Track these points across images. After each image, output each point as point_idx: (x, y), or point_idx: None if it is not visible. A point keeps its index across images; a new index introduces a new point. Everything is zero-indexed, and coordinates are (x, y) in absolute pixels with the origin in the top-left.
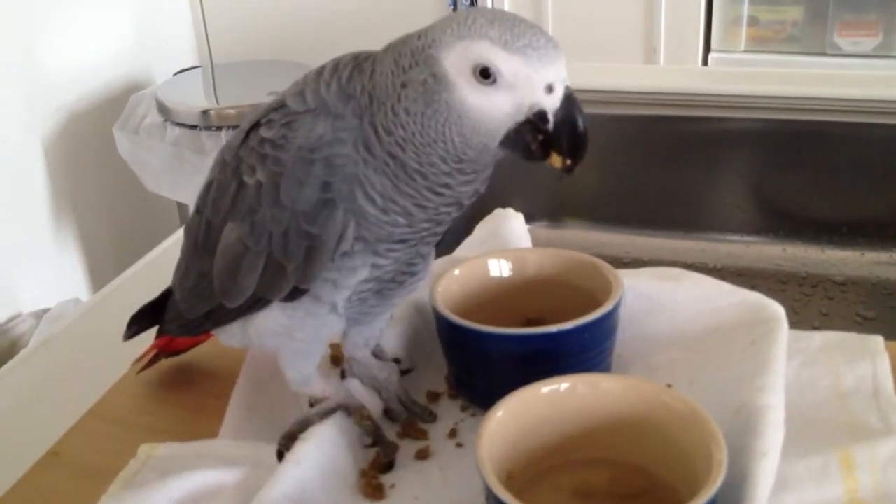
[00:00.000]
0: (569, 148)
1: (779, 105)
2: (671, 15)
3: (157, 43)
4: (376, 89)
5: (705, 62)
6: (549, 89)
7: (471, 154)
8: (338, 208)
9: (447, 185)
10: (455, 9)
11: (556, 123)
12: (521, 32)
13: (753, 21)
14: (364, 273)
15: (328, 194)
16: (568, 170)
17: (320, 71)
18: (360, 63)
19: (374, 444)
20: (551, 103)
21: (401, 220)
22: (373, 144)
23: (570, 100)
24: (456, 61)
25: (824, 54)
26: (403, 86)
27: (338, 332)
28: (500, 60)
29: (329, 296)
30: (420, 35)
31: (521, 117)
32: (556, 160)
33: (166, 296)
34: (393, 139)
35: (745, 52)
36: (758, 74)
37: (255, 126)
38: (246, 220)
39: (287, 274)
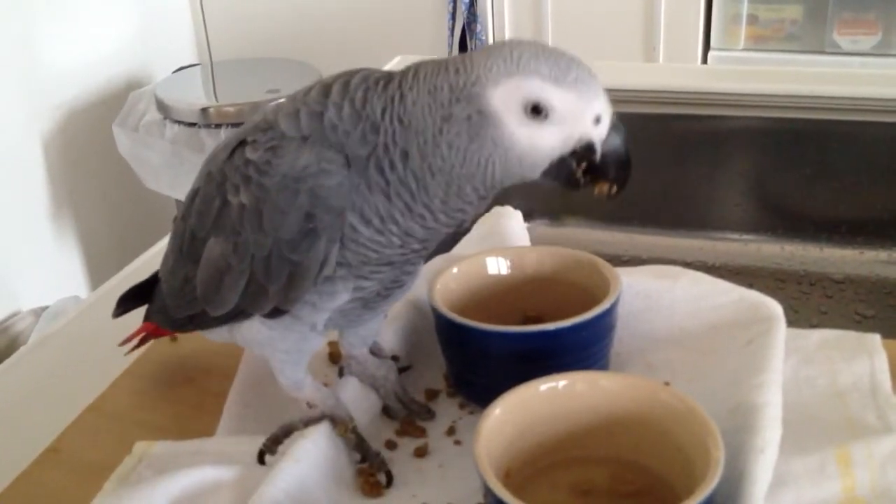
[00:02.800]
0: (615, 176)
1: (778, 103)
2: (671, 13)
3: (156, 40)
4: (413, 121)
5: (705, 60)
6: (597, 120)
7: (506, 184)
8: (320, 238)
9: (463, 211)
10: (455, 8)
11: (603, 154)
12: (566, 66)
13: (753, 19)
14: (345, 297)
15: (311, 224)
16: (612, 196)
17: (325, 90)
18: (371, 85)
19: (362, 460)
20: (598, 134)
21: (395, 240)
22: (385, 168)
23: (616, 129)
24: (505, 98)
25: (823, 52)
26: (445, 120)
27: (318, 347)
28: (554, 97)
29: (309, 317)
30: (458, 69)
31: (567, 149)
32: (602, 188)
33: (157, 277)
34: (426, 164)
35: (745, 50)
36: (757, 73)
37: (242, 143)
38: (229, 239)
39: (269, 295)
